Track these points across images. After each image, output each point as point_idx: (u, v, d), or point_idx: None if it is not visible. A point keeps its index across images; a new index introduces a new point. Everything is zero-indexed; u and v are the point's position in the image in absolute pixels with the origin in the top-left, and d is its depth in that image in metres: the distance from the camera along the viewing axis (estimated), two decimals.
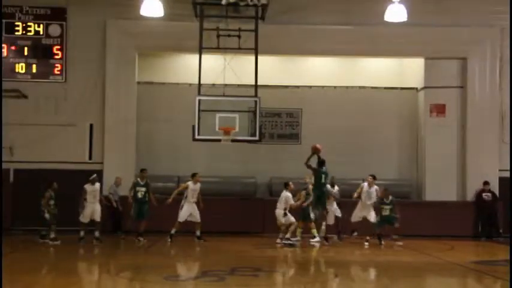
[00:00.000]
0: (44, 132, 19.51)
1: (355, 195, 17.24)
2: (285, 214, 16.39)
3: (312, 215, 16.66)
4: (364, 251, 16.11)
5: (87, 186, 16.66)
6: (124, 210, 17.98)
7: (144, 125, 20.70)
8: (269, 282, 11.63)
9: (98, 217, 16.61)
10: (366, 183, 17.20)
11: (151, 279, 11.42)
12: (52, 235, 16.30)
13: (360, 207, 17.19)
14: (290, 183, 16.66)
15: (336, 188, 17.87)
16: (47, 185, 16.59)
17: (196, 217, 16.97)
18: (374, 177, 17.24)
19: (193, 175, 17.15)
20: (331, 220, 17.35)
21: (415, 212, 19.14)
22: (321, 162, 16.85)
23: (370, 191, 17.08)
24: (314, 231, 16.73)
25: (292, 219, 16.54)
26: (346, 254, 15.78)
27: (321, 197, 16.81)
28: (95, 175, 17.05)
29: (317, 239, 16.66)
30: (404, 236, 17.76)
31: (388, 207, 17.05)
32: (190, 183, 17.00)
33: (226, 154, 19.79)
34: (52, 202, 16.42)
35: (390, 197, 17.20)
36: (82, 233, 16.49)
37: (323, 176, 16.80)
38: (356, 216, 17.29)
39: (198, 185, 17.08)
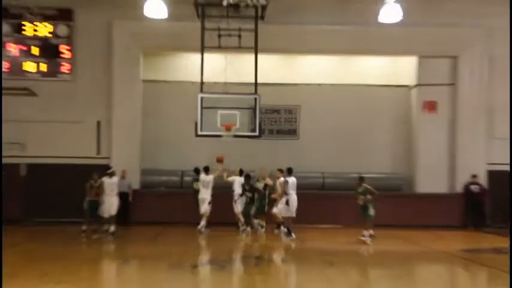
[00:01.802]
0: (53, 129, 19.53)
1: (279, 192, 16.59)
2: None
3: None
4: (353, 240, 15.75)
5: (105, 179, 16.39)
6: (134, 202, 18.50)
7: (149, 121, 20.58)
8: (269, 270, 12.15)
9: (114, 211, 16.35)
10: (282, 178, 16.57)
11: (158, 267, 11.74)
12: (84, 227, 16.22)
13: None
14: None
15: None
16: (91, 176, 16.46)
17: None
18: (281, 171, 16.81)
19: (208, 168, 17.34)
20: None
21: (406, 204, 19.47)
22: (246, 176, 17.52)
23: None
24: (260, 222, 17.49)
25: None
26: (339, 244, 15.57)
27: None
28: (112, 169, 17.02)
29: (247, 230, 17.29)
30: (396, 226, 18.19)
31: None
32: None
33: (227, 149, 18.43)
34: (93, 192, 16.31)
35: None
36: (95, 226, 16.30)
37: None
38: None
39: None
